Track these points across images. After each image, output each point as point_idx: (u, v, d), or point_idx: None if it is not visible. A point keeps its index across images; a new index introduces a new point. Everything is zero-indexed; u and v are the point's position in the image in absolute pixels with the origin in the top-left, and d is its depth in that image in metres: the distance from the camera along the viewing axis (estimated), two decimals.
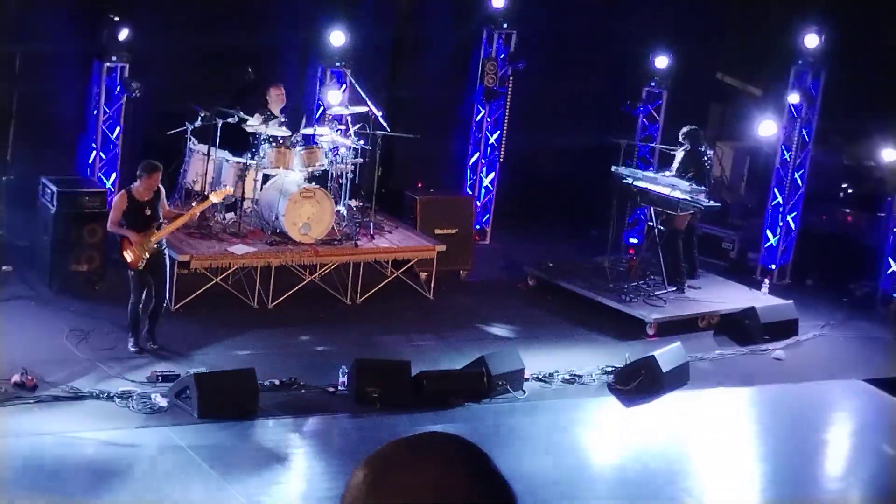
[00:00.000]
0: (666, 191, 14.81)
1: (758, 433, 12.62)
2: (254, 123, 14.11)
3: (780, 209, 17.02)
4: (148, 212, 11.92)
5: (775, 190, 17.09)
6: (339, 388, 11.74)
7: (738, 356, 14.10)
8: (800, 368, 13.94)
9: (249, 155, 14.13)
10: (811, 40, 16.44)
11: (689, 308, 14.86)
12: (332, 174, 14.50)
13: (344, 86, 15.63)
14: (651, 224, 15.28)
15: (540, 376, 12.68)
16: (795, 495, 10.98)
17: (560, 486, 10.59)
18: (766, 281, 16.20)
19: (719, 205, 15.97)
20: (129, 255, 11.87)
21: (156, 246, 11.92)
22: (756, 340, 14.46)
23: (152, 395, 11.06)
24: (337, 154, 14.47)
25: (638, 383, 12.59)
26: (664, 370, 12.61)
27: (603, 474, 11.39)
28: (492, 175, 17.48)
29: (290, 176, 14.11)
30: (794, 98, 16.70)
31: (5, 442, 10.08)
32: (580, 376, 12.84)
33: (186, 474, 10.04)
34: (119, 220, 11.93)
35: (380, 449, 2.00)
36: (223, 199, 13.63)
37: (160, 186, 12.08)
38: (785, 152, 16.99)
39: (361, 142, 14.48)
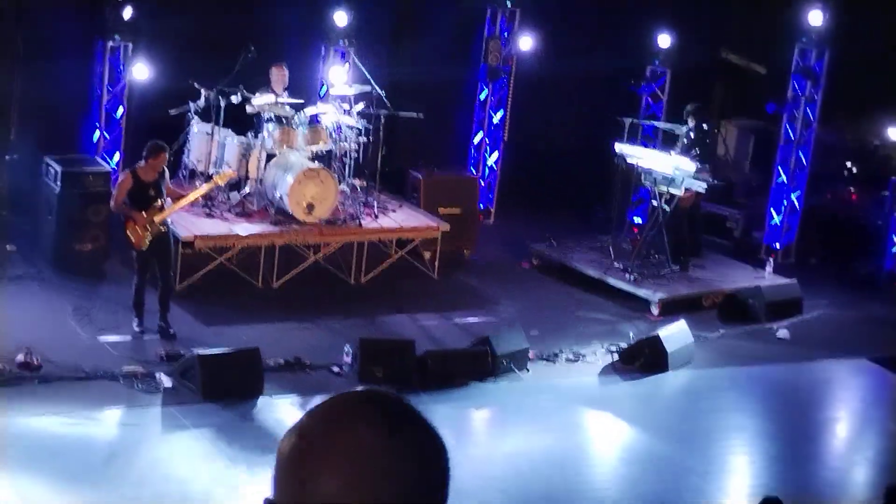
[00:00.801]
0: (669, 169, 14.77)
1: (762, 412, 12.62)
2: (259, 102, 14.08)
3: (785, 188, 16.98)
4: (152, 192, 11.89)
5: (779, 168, 17.05)
6: (344, 367, 11.75)
7: (742, 335, 14.09)
8: (804, 347, 13.93)
9: (253, 134, 14.10)
10: (815, 17, 16.37)
11: (693, 287, 14.85)
12: (335, 153, 14.48)
13: (347, 65, 15.60)
14: (655, 203, 15.24)
15: (544, 355, 12.69)
16: (800, 474, 10.98)
17: (564, 465, 10.61)
18: (771, 260, 16.16)
19: (723, 183, 15.89)
20: (132, 236, 11.85)
21: (160, 226, 11.91)
22: (760, 319, 14.45)
23: (157, 375, 11.05)
24: (340, 133, 14.44)
25: (642, 362, 12.61)
26: (668, 349, 12.62)
27: (607, 453, 11.40)
28: (496, 154, 17.45)
29: (294, 156, 14.08)
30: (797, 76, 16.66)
31: (9, 422, 10.08)
32: (584, 355, 12.85)
33: (191, 454, 10.06)
34: (123, 199, 11.91)
35: (301, 416, 1.93)
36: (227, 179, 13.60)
37: (164, 167, 12.06)
38: (789, 131, 16.94)
39: (364, 121, 14.45)
